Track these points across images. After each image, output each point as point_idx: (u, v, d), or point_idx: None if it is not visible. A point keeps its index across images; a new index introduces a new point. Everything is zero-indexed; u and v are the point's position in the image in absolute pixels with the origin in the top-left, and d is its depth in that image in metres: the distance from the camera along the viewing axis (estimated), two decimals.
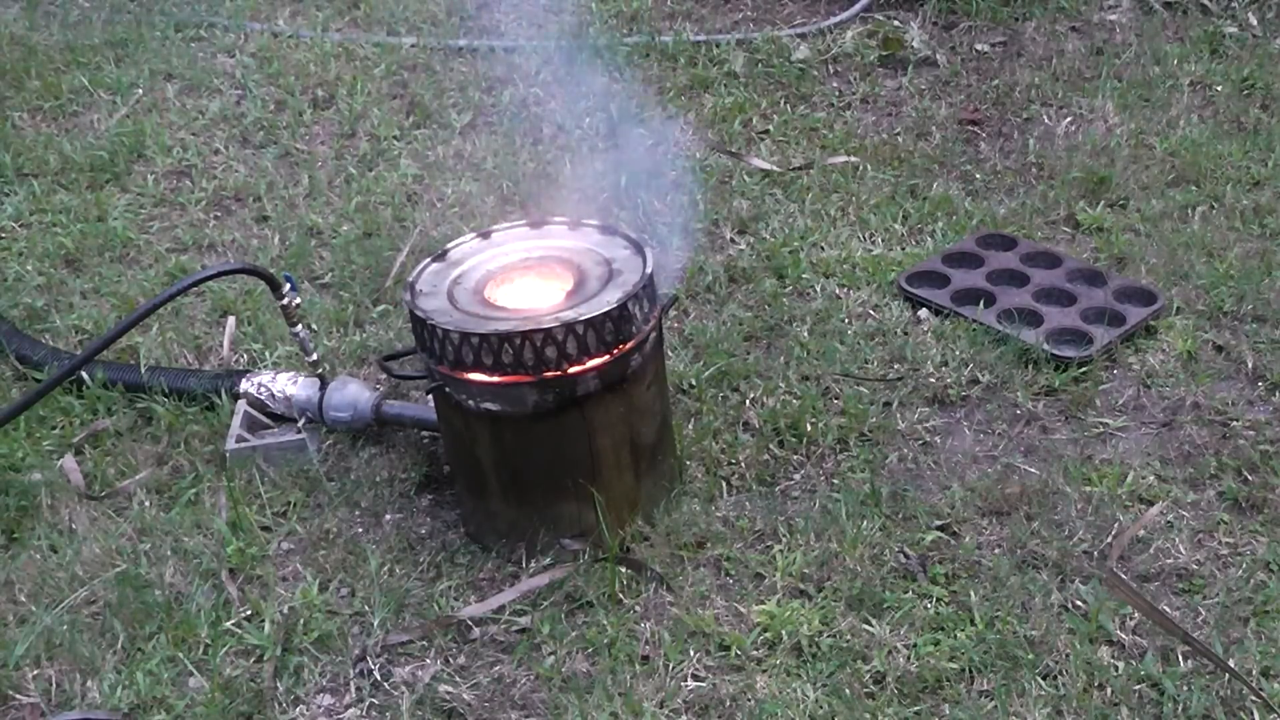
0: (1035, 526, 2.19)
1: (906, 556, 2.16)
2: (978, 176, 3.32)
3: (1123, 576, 2.08)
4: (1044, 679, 1.92)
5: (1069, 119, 3.55)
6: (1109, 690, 1.90)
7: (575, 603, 2.11)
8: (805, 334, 2.71)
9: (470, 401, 2.07)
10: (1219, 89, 3.65)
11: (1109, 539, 2.17)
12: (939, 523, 2.22)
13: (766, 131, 3.58)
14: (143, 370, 2.61)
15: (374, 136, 3.62)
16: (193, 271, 2.97)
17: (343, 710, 1.96)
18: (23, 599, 2.16)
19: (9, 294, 2.97)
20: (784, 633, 2.02)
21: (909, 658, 1.97)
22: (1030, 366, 2.58)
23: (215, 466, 2.43)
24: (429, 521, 2.31)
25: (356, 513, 2.33)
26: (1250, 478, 2.28)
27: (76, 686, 2.00)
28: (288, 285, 2.33)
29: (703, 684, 1.96)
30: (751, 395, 2.54)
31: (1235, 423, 2.42)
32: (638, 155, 3.43)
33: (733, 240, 3.09)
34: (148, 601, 2.12)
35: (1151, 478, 2.30)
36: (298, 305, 2.36)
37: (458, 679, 1.99)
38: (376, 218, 3.21)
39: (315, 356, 2.43)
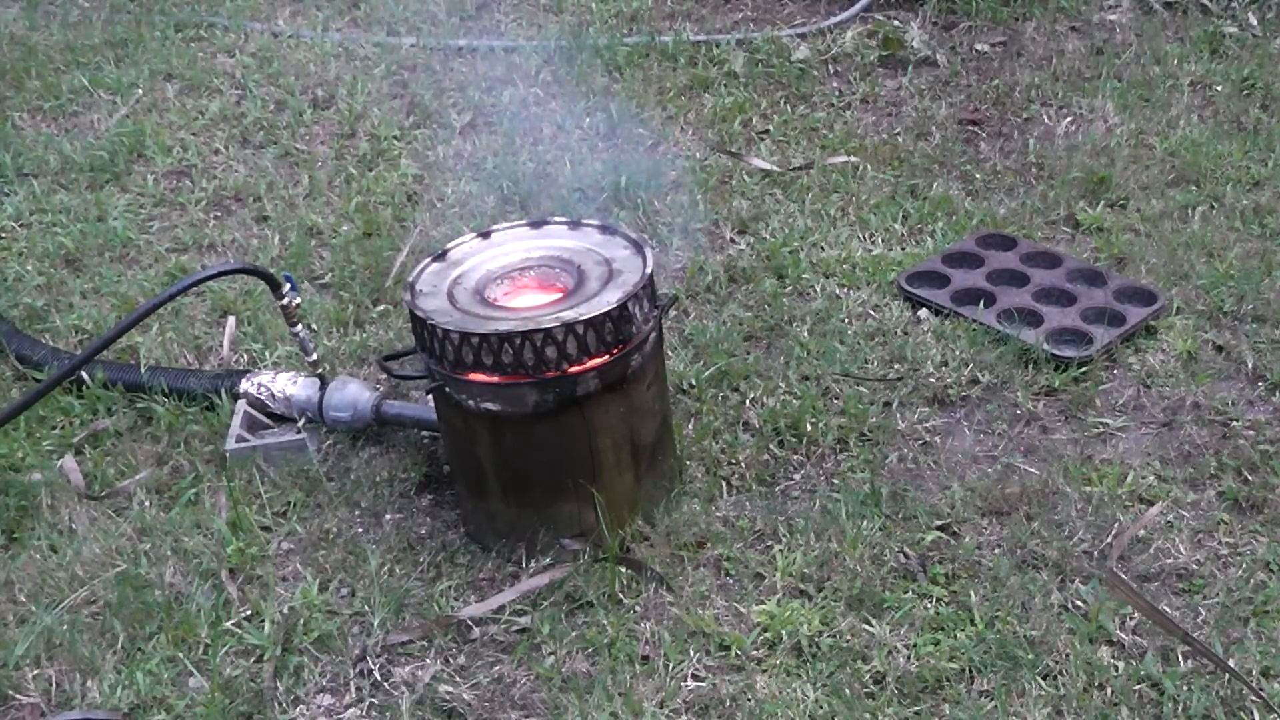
0: (1035, 526, 2.19)
1: (906, 556, 2.16)
2: (978, 176, 3.32)
3: (1123, 576, 2.08)
4: (1044, 679, 1.92)
5: (1069, 119, 3.55)
6: (1109, 690, 1.90)
7: (575, 603, 2.11)
8: (805, 334, 2.71)
9: (470, 401, 2.07)
10: (1219, 89, 3.65)
11: (1109, 539, 2.17)
12: (939, 523, 2.22)
13: (766, 131, 3.58)
14: (143, 370, 2.61)
15: (374, 136, 3.62)
16: (193, 271, 2.97)
17: (343, 710, 1.97)
18: (23, 599, 2.16)
19: (9, 294, 2.97)
20: (784, 633, 2.02)
21: (909, 658, 1.97)
22: (1030, 366, 2.58)
23: (215, 466, 2.43)
24: (429, 521, 2.31)
25: (356, 513, 2.33)
26: (1250, 478, 2.28)
27: (76, 686, 2.00)
28: (288, 285, 2.33)
29: (703, 684, 1.96)
30: (751, 395, 2.54)
31: (1235, 423, 2.42)
32: (638, 155, 3.44)
33: (733, 240, 3.09)
34: (148, 601, 2.12)
35: (1151, 478, 2.30)
36: (298, 305, 2.36)
37: (458, 679, 1.99)
38: (376, 218, 3.21)
39: (315, 356, 2.43)
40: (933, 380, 2.57)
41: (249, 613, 2.12)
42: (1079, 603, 2.05)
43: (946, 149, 3.44)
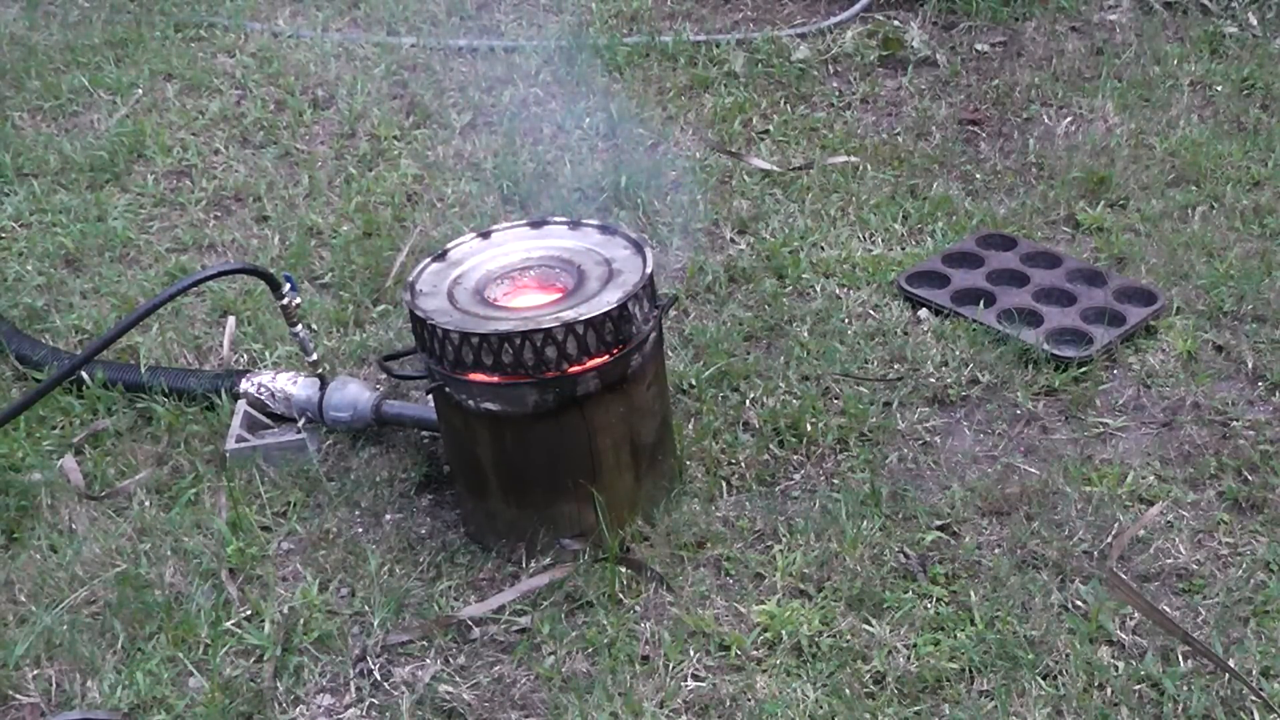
0: (1035, 526, 2.19)
1: (906, 556, 2.16)
2: (978, 176, 3.32)
3: (1123, 576, 2.08)
4: (1044, 679, 1.92)
5: (1069, 119, 3.55)
6: (1109, 690, 1.90)
7: (575, 603, 2.11)
8: (805, 334, 2.71)
9: (470, 401, 2.07)
10: (1219, 89, 3.65)
11: (1109, 539, 2.17)
12: (939, 523, 2.22)
13: (766, 131, 3.58)
14: (143, 370, 2.61)
15: (374, 136, 3.62)
16: (193, 271, 2.97)
17: (343, 710, 1.97)
18: (23, 599, 2.16)
19: (9, 294, 2.97)
20: (784, 633, 2.02)
21: (909, 658, 1.97)
22: (1030, 366, 2.58)
23: (215, 466, 2.43)
24: (429, 521, 2.31)
25: (356, 513, 2.33)
26: (1250, 478, 2.28)
27: (76, 686, 2.00)
28: (288, 285, 2.33)
29: (703, 684, 1.96)
30: (751, 395, 2.54)
31: (1235, 423, 2.42)
32: (638, 155, 3.44)
33: (733, 240, 3.09)
34: (148, 601, 2.12)
35: (1151, 478, 2.30)
36: (298, 305, 2.36)
37: (458, 679, 1.99)
38: (376, 218, 3.21)
39: (315, 356, 2.43)
40: (933, 380, 2.57)
41: (249, 613, 2.12)
42: (1079, 603, 2.05)
43: (946, 149, 3.44)
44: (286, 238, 3.16)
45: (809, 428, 2.44)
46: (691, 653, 2.00)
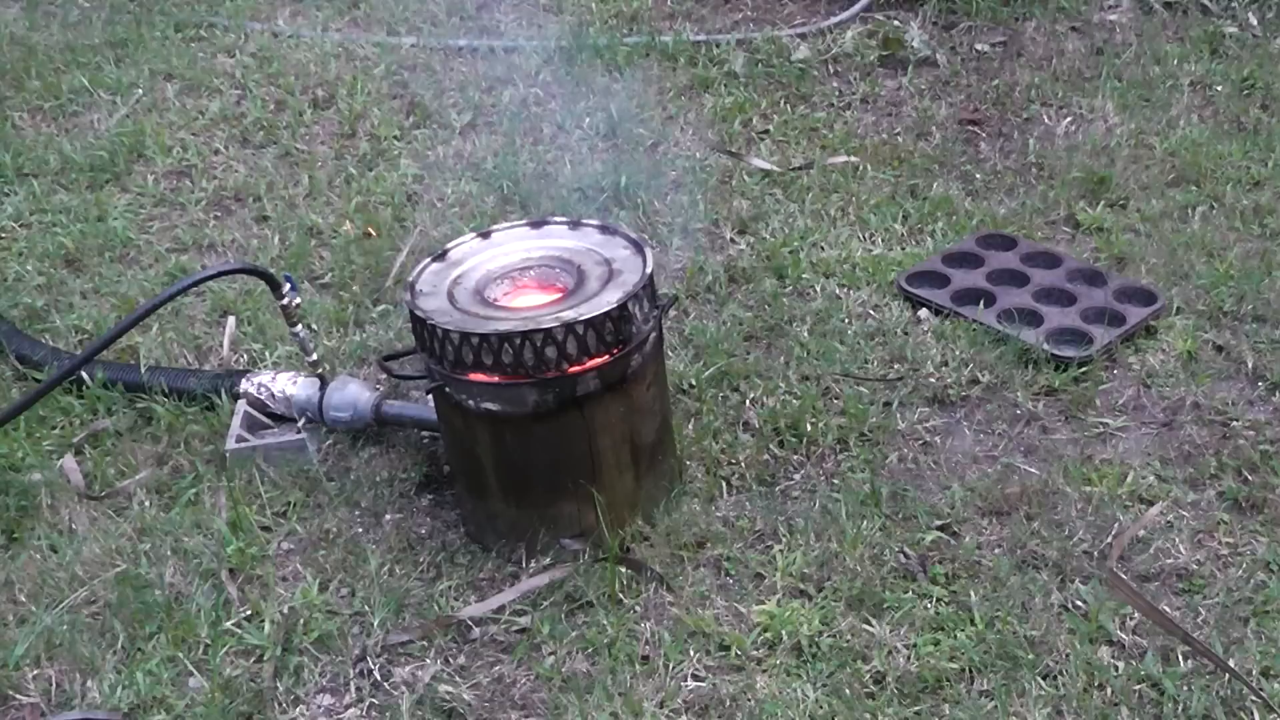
0: (1035, 526, 2.19)
1: (906, 556, 2.16)
2: (978, 176, 3.32)
3: (1123, 576, 2.08)
4: (1044, 679, 1.92)
5: (1069, 119, 3.55)
6: (1109, 690, 1.90)
7: (575, 603, 2.11)
8: (805, 334, 2.71)
9: (470, 401, 2.07)
10: (1219, 89, 3.65)
11: (1109, 539, 2.17)
12: (939, 523, 2.22)
13: (766, 131, 3.58)
14: (143, 370, 2.61)
15: (374, 136, 3.62)
16: (193, 271, 2.97)
17: (343, 710, 1.97)
18: (23, 599, 2.16)
19: (9, 294, 2.97)
20: (784, 633, 2.02)
21: (909, 658, 1.97)
22: (1030, 366, 2.58)
23: (215, 466, 2.43)
24: (429, 521, 2.31)
25: (356, 513, 2.33)
26: (1250, 478, 2.28)
27: (76, 686, 2.00)
28: (288, 285, 2.33)
29: (703, 684, 1.96)
30: (751, 395, 2.54)
31: (1235, 423, 2.42)
32: (638, 155, 3.44)
33: (733, 240, 3.09)
34: (148, 601, 2.12)
35: (1151, 478, 2.30)
36: (298, 305, 2.36)
37: (458, 679, 1.99)
38: (376, 218, 3.21)
39: (315, 356, 2.43)
40: (933, 380, 2.57)
41: (249, 613, 2.12)
42: (1079, 603, 2.05)
43: (946, 149, 3.44)
44: (286, 238, 3.16)
45: (809, 428, 2.44)
46: (691, 653, 2.00)
